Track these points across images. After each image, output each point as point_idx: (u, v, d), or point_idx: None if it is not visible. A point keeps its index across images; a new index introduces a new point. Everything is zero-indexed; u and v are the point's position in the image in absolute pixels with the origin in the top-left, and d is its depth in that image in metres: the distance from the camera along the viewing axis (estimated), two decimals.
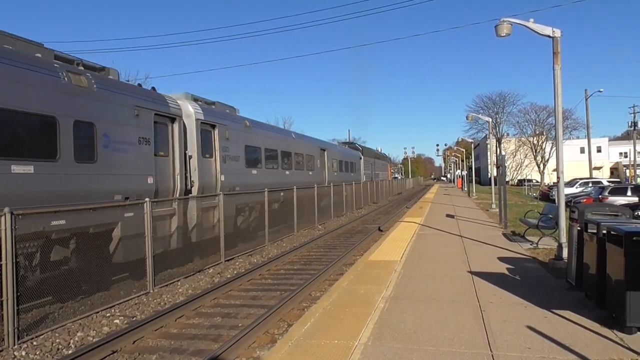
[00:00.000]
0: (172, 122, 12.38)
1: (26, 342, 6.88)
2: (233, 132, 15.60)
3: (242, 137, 16.39)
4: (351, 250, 14.44)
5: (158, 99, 12.06)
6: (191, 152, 13.13)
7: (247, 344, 6.72)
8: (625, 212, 8.44)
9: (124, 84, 11.50)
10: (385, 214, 29.11)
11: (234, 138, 15.61)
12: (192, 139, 13.27)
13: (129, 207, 10.05)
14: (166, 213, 11.60)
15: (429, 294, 7.99)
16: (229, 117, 15.93)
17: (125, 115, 10.57)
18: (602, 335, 5.75)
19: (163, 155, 11.97)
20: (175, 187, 12.31)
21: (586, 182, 35.87)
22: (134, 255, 10.14)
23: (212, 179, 14.17)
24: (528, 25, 10.63)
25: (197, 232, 13.02)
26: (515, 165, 74.71)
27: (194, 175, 13.14)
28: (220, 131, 14.71)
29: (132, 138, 10.73)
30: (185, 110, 13.21)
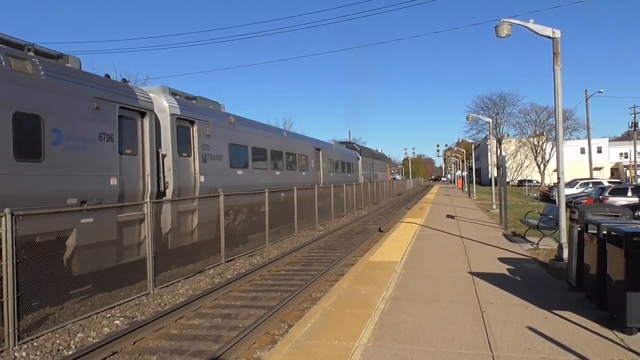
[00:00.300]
0: (141, 117, 11.12)
1: (27, 343, 6.89)
2: (215, 129, 14.44)
3: (226, 135, 15.19)
4: (351, 251, 14.44)
5: (124, 91, 10.78)
6: (165, 150, 11.95)
7: (247, 345, 6.73)
8: (626, 213, 8.44)
9: (82, 73, 10.00)
10: (386, 214, 29.11)
11: (216, 135, 14.42)
12: (166, 135, 12.07)
13: (87, 213, 9.00)
14: (134, 218, 10.47)
15: (429, 294, 7.99)
16: (211, 112, 14.78)
17: (82, 108, 9.32)
18: (602, 336, 5.75)
19: (130, 153, 10.71)
20: (145, 189, 11.07)
21: (586, 182, 35.86)
22: (95, 266, 9.15)
23: (189, 180, 12.98)
24: (528, 26, 10.63)
25: (172, 238, 11.84)
26: (516, 165, 74.73)
27: (169, 176, 11.94)
28: (199, 128, 13.50)
29: (91, 134, 9.48)
30: (159, 104, 12.02)
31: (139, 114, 11.07)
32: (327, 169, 27.76)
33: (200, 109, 14.16)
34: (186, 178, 12.81)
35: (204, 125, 13.80)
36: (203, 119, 13.80)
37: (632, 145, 53.56)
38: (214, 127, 14.35)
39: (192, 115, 13.28)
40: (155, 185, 11.41)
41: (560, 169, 10.44)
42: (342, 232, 20.31)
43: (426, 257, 11.46)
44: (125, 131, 10.61)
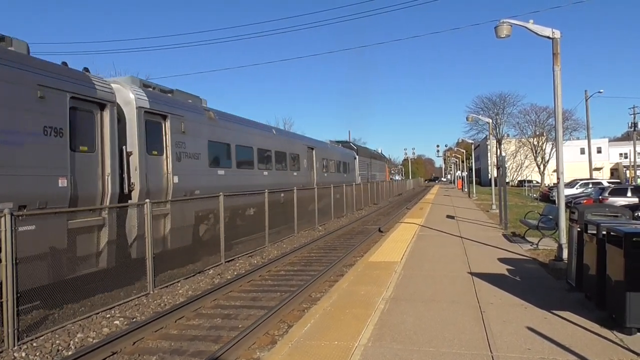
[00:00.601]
0: (101, 110, 9.86)
1: (26, 344, 6.89)
2: (192, 124, 13.22)
3: (205, 131, 14.01)
4: (351, 251, 14.44)
5: (78, 79, 9.42)
6: (131, 147, 10.74)
7: (247, 345, 6.73)
8: (625, 213, 8.44)
9: (24, 57, 8.60)
10: (386, 214, 29.12)
11: (193, 132, 13.21)
12: (132, 131, 10.85)
13: (27, 219, 7.69)
14: (91, 224, 9.30)
15: (429, 294, 7.99)
16: (187, 107, 13.50)
17: (21, 97, 8.09)
18: (602, 336, 5.75)
19: (86, 150, 9.46)
20: (105, 191, 9.82)
21: (586, 182, 35.87)
22: (36, 282, 7.76)
23: (160, 180, 11.75)
24: (528, 27, 10.64)
25: (139, 246, 10.49)
26: (516, 166, 74.73)
27: (135, 176, 10.76)
28: (173, 123, 12.27)
29: (33, 127, 8.25)
30: (123, 95, 10.84)
31: (97, 106, 9.80)
32: (321, 169, 26.75)
33: (174, 102, 12.90)
34: (157, 179, 11.62)
35: (179, 120, 12.58)
36: (177, 114, 12.59)
37: (632, 146, 53.57)
38: (190, 123, 13.15)
39: (164, 108, 12.03)
40: (118, 186, 10.18)
41: (560, 169, 10.44)
42: (342, 232, 20.31)
43: (426, 258, 11.46)
44: (80, 125, 9.33)
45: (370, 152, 51.81)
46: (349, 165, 34.92)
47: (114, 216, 9.82)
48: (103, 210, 9.65)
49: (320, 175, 26.24)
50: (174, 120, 12.39)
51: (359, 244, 16.02)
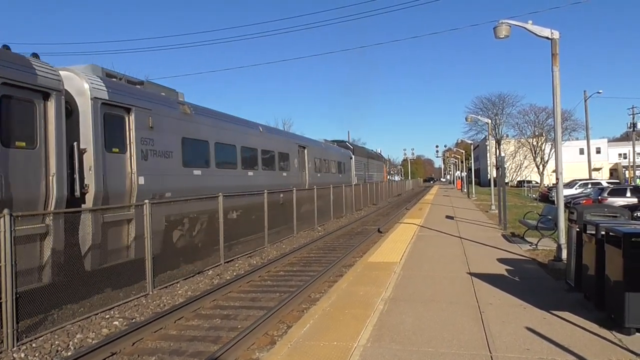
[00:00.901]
0: (45, 99, 8.57)
1: (25, 344, 6.88)
2: (162, 119, 11.85)
3: (178, 127, 12.65)
4: (350, 251, 14.44)
5: (12, 62, 8.02)
6: (85, 144, 9.46)
7: (246, 346, 6.73)
8: (624, 213, 8.45)
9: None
10: (385, 215, 29.12)
11: (163, 127, 11.87)
12: (86, 125, 9.51)
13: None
14: (31, 232, 7.89)
15: (428, 295, 8.00)
16: (157, 99, 12.09)
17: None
18: (600, 336, 5.75)
19: (25, 146, 8.13)
20: (49, 194, 8.45)
21: (585, 183, 35.89)
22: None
23: (123, 181, 10.42)
24: (526, 27, 10.65)
25: (94, 257, 9.28)
26: (515, 166, 74.63)
27: (89, 177, 9.42)
28: (139, 117, 10.94)
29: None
30: (75, 84, 9.53)
31: (39, 95, 8.49)
32: (313, 169, 25.37)
33: (141, 94, 11.56)
34: (118, 180, 10.29)
35: (146, 114, 11.24)
36: (144, 107, 11.24)
37: (631, 146, 53.60)
38: (160, 117, 11.80)
39: (127, 100, 10.73)
40: (66, 188, 8.81)
41: (559, 170, 10.45)
42: (341, 232, 20.31)
43: (425, 258, 11.47)
44: (15, 116, 8.04)
45: (368, 152, 50.03)
46: (344, 165, 33.62)
47: (60, 223, 8.39)
48: (47, 217, 8.29)
49: (312, 175, 24.98)
50: (140, 114, 11.06)
51: (358, 244, 16.02)
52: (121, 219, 10.18)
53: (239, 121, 17.49)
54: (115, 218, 9.96)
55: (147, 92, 12.07)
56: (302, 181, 23.13)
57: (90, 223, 9.21)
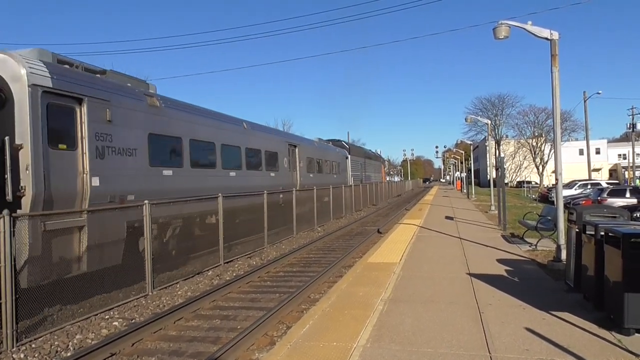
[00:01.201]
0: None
1: (25, 345, 6.89)
2: (123, 112, 10.51)
3: (145, 121, 11.17)
4: (350, 252, 14.44)
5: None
6: (21, 138, 8.15)
7: (245, 346, 6.73)
8: (623, 214, 8.46)
9: None
10: (385, 216, 29.12)
11: (125, 121, 10.52)
12: (22, 116, 8.18)
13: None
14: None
15: (427, 295, 8.00)
16: (117, 89, 10.69)
17: None
18: (600, 337, 5.76)
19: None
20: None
21: (585, 183, 35.90)
22: None
23: (71, 183, 9.06)
24: (526, 28, 10.66)
25: (33, 271, 7.89)
26: (515, 167, 74.64)
27: (26, 178, 8.11)
28: (93, 109, 9.59)
29: None
30: (9, 68, 8.30)
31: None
32: (305, 169, 23.97)
33: (97, 83, 10.20)
34: (64, 181, 8.91)
35: (102, 105, 9.86)
36: (100, 97, 9.86)
37: (631, 147, 53.62)
38: (121, 110, 10.45)
39: (78, 90, 9.33)
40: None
41: (558, 170, 10.46)
42: (341, 233, 20.31)
43: (425, 259, 11.47)
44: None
45: (365, 152, 47.89)
46: (339, 166, 32.06)
47: None
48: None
49: (304, 176, 23.61)
50: (95, 105, 9.67)
51: (358, 245, 16.02)
52: (69, 226, 8.75)
53: (219, 116, 15.90)
54: (61, 225, 8.50)
55: (107, 81, 10.72)
56: (292, 182, 21.71)
57: (27, 232, 7.75)
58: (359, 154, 41.24)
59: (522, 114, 72.42)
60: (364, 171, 41.60)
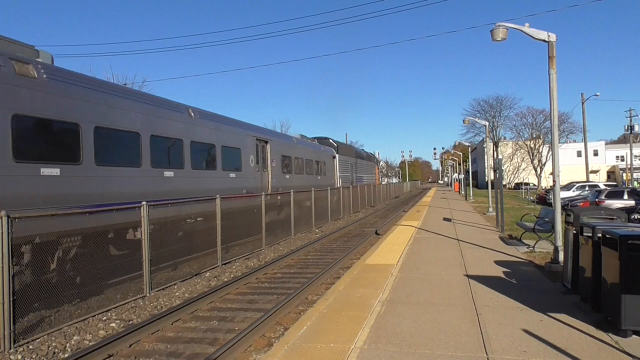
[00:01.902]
0: None
1: (22, 346, 6.87)
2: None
3: (8, 99, 8.11)
4: (348, 253, 14.44)
5: None
6: None
7: (243, 348, 6.73)
8: (621, 216, 8.47)
9: None
10: (382, 217, 29.13)
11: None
12: None
13: None
14: None
15: (425, 297, 8.00)
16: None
17: None
18: (597, 339, 5.77)
19: None
20: None
21: (583, 185, 35.98)
22: None
23: None
24: (523, 30, 10.69)
25: None
26: (513, 168, 74.88)
27: None
28: None
29: None
30: None
31: None
32: (280, 169, 20.51)
33: None
34: None
35: None
36: None
37: (629, 148, 53.75)
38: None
39: None
40: None
41: (556, 172, 10.48)
42: (339, 234, 20.31)
43: (422, 260, 11.48)
44: None
45: (356, 151, 43.03)
46: (325, 166, 28.47)
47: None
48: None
49: (278, 177, 20.16)
50: None
51: (356, 246, 16.02)
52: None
53: (148, 99, 12.57)
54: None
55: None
56: (261, 184, 18.23)
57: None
58: (348, 153, 37.44)
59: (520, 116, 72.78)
60: (354, 172, 38.22)
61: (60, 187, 9.04)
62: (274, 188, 19.24)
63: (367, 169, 45.39)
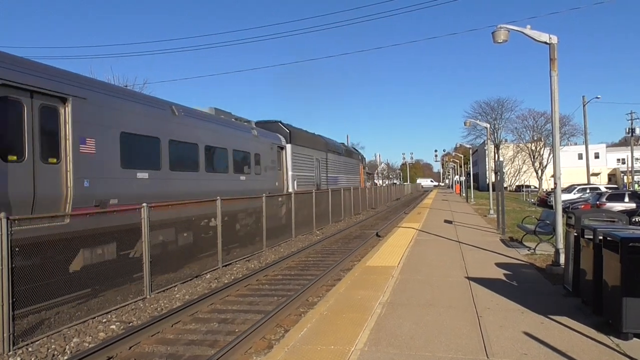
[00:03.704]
0: None
1: (21, 348, 6.85)
2: None
3: None
4: (349, 255, 14.42)
5: None
6: None
7: (243, 350, 6.71)
8: (622, 218, 8.46)
9: None
10: (384, 219, 29.11)
11: None
12: None
13: None
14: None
15: (426, 299, 7.98)
16: None
17: None
18: (598, 342, 5.74)
19: None
20: None
21: (584, 188, 35.93)
22: None
23: None
24: (525, 32, 10.68)
25: None
26: (514, 171, 74.84)
27: None
28: None
29: None
30: None
31: None
32: (118, 160, 10.71)
33: None
34: None
35: None
36: None
37: (630, 151, 53.69)
38: None
39: None
40: None
41: (557, 175, 10.46)
42: (340, 236, 20.29)
43: (423, 262, 11.45)
44: None
45: (327, 143, 30.62)
46: (261, 160, 18.99)
47: None
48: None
49: (110, 174, 10.49)
50: None
51: (357, 248, 16.00)
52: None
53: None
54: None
55: None
56: (57, 192, 9.06)
57: None
58: (312, 145, 26.65)
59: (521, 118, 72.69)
60: (324, 171, 28.72)
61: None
62: (77, 197, 9.41)
63: (346, 167, 35.04)
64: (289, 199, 19.79)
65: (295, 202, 19.39)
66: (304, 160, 24.88)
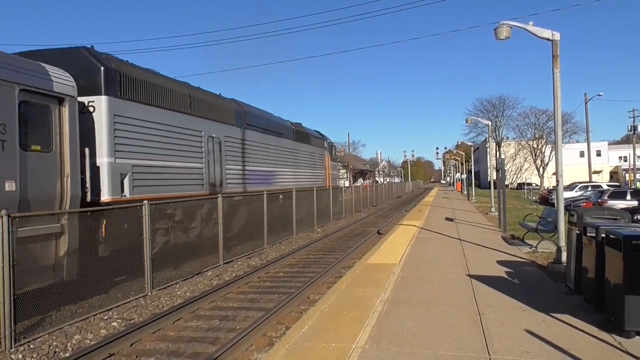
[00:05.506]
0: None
1: (23, 345, 6.86)
2: None
3: None
4: (350, 253, 14.41)
5: None
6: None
7: (244, 347, 6.71)
8: (624, 216, 8.42)
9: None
10: (385, 217, 29.10)
11: None
12: None
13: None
14: None
15: (427, 297, 7.97)
16: None
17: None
18: (600, 340, 5.73)
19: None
20: None
21: (586, 185, 35.88)
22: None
23: None
24: (527, 28, 10.64)
25: None
26: (515, 168, 74.68)
27: None
28: None
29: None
30: None
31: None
32: None
33: None
34: None
35: None
36: None
37: (632, 149, 53.58)
38: None
39: None
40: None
41: (559, 172, 10.43)
42: (341, 234, 20.29)
43: (425, 260, 11.44)
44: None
45: (245, 112, 17.71)
46: None
47: None
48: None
49: None
50: None
51: (358, 245, 16.00)
52: None
53: None
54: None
55: None
56: None
57: None
58: (192, 109, 13.83)
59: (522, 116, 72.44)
60: (236, 160, 16.55)
61: None
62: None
63: (296, 157, 23.38)
64: None
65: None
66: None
